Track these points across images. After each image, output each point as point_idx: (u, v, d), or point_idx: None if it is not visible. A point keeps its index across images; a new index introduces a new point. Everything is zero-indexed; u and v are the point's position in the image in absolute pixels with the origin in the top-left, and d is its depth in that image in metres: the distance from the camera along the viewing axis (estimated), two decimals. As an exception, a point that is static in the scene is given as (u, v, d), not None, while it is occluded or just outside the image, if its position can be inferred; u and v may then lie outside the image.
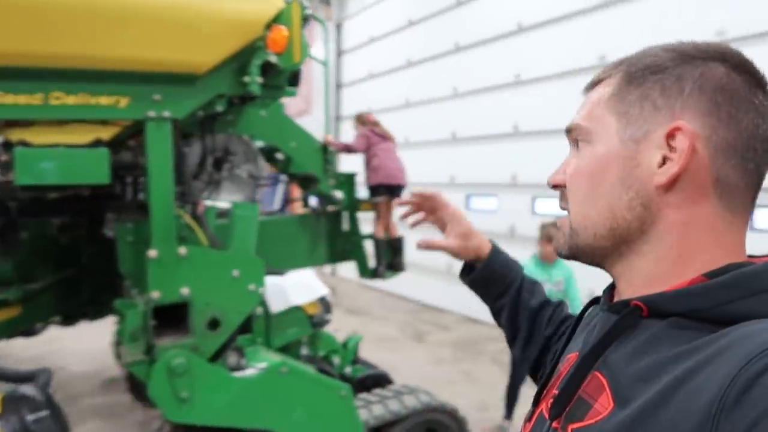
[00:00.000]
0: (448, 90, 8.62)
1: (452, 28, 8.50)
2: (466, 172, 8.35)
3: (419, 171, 9.37)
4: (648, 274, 0.68)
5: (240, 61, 2.53)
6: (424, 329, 7.73)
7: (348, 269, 9.93)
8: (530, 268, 4.23)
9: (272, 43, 2.43)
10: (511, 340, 1.20)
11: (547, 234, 4.09)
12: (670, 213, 0.67)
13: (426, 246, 1.26)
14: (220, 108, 2.87)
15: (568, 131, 0.76)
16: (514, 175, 7.47)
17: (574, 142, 0.76)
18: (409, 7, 9.51)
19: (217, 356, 2.65)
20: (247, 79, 2.54)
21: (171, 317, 2.58)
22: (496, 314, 1.23)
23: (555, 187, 0.78)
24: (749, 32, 4.99)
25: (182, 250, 2.51)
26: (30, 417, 2.02)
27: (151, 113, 2.45)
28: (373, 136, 4.59)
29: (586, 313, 0.86)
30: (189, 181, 2.97)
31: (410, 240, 7.53)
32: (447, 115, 8.66)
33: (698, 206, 0.66)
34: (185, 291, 2.51)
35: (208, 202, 3.01)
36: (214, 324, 2.58)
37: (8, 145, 2.34)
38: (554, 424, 0.70)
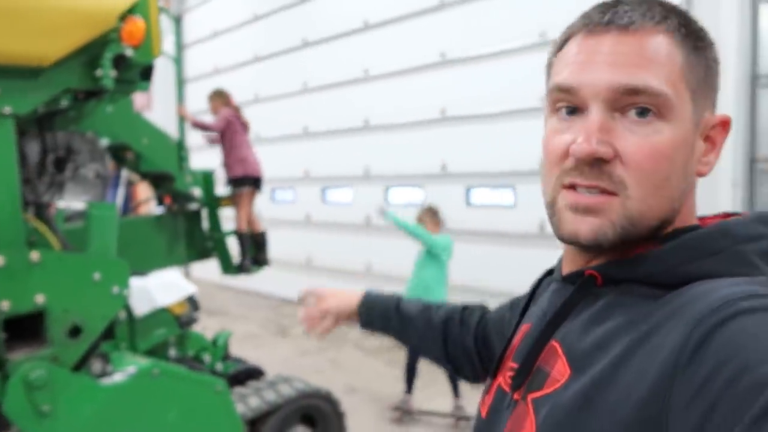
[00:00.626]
0: (298, 85, 8.68)
1: (299, 23, 8.56)
2: (321, 165, 8.48)
3: (273, 166, 9.31)
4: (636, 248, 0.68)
5: (90, 53, 2.40)
6: (286, 324, 7.76)
7: (202, 270, 9.61)
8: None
9: (128, 35, 2.34)
10: (425, 351, 1.20)
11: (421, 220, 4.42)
12: (688, 197, 0.68)
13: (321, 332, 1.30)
14: (65, 103, 2.69)
15: (634, 92, 0.62)
16: (367, 167, 7.74)
17: (628, 108, 0.63)
18: (253, 1, 9.39)
19: (80, 365, 2.51)
20: (99, 72, 2.41)
21: (23, 329, 2.39)
22: (400, 341, 1.24)
23: (594, 160, 0.63)
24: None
25: (34, 255, 2.33)
26: None
27: (-11, 109, 2.25)
28: (236, 122, 4.52)
29: (541, 285, 0.85)
30: (32, 182, 2.75)
31: (271, 235, 7.45)
32: (298, 110, 8.71)
33: (694, 188, 0.69)
34: (40, 299, 2.34)
35: (61, 204, 2.81)
36: (75, 331, 2.43)
37: None
38: (515, 396, 0.70)
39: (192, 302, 3.33)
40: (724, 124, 0.68)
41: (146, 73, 3.09)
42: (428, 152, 6.91)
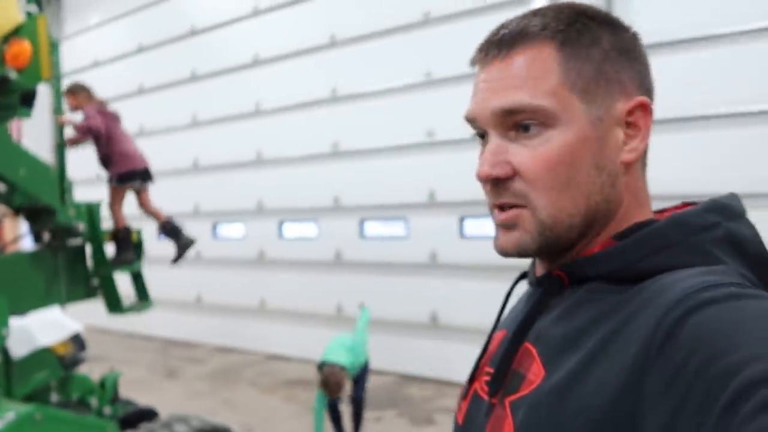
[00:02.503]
0: (186, 118, 8.48)
1: (188, 56, 8.42)
2: (211, 200, 8.27)
3: (160, 202, 8.92)
4: (593, 245, 0.69)
5: (-33, 75, 2.26)
6: (175, 365, 7.38)
7: (80, 313, 8.92)
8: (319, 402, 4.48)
9: (12, 57, 2.23)
10: None
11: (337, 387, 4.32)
12: (623, 186, 0.69)
13: None
14: (-69, 128, 2.49)
15: (510, 113, 0.67)
16: (260, 201, 7.67)
17: (516, 127, 0.68)
18: (139, 32, 9.12)
19: (-53, 415, 2.27)
20: (-25, 96, 2.27)
21: None
22: None
23: (494, 180, 0.69)
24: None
25: None
26: None
27: None
28: (104, 118, 4.25)
29: (514, 290, 0.85)
30: None
31: (151, 273, 7.10)
32: (188, 144, 8.49)
33: (633, 174, 0.69)
34: None
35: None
36: (-58, 377, 2.21)
37: None
38: (493, 400, 0.70)
39: (77, 341, 3.11)
40: (644, 107, 0.68)
41: (27, 99, 2.92)
42: (321, 186, 7.00)
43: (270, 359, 7.27)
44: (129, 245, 4.11)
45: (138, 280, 4.22)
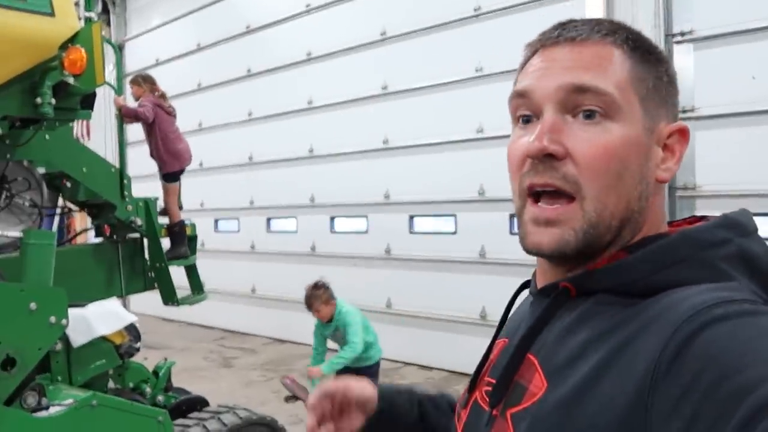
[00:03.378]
0: (243, 114, 8.70)
1: (244, 53, 8.62)
2: (266, 194, 8.47)
3: (218, 196, 9.24)
4: (605, 258, 0.68)
5: (30, 80, 2.40)
6: (230, 355, 7.62)
7: (142, 303, 9.34)
8: (317, 329, 4.51)
9: (70, 64, 2.36)
10: None
11: (308, 302, 4.28)
12: (652, 203, 0.69)
13: None
14: (1, 131, 2.65)
15: (580, 90, 0.65)
16: (312, 196, 7.80)
17: (575, 111, 0.66)
18: (198, 31, 9.41)
19: (12, 398, 2.43)
20: (39, 100, 2.41)
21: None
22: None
23: (542, 158, 0.66)
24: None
25: (-34, 285, 2.28)
26: None
27: None
28: (160, 111, 4.41)
29: (516, 300, 0.84)
30: (-35, 212, 2.68)
31: (209, 265, 7.34)
32: (243, 139, 8.71)
33: (660, 194, 0.71)
34: (-28, 330, 2.27)
35: (-4, 232, 2.74)
36: (8, 363, 2.37)
37: None
38: (494, 412, 0.69)
39: (133, 331, 3.27)
40: (682, 133, 0.70)
41: (87, 101, 3.08)
42: (371, 181, 7.04)
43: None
44: (183, 239, 4.27)
45: (192, 272, 4.38)
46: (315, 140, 7.67)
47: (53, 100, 2.46)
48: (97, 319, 3.00)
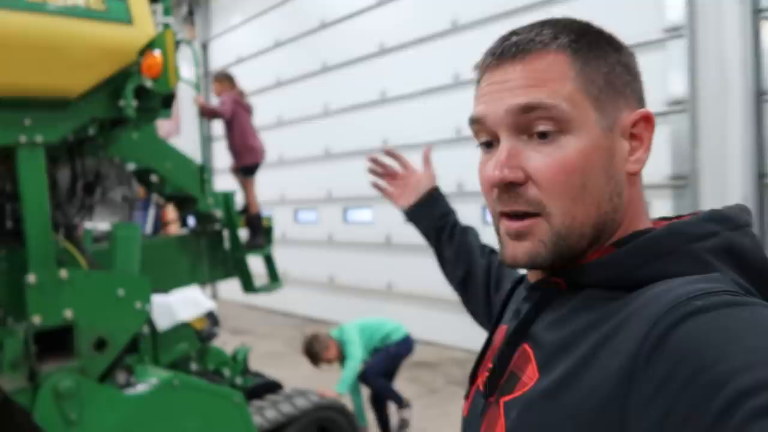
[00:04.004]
0: (319, 108, 8.91)
1: (319, 48, 8.81)
2: (342, 186, 8.65)
3: (297, 188, 9.54)
4: (595, 254, 0.70)
5: (114, 85, 2.59)
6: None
7: (229, 290, 9.81)
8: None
9: (147, 68, 2.53)
10: (448, 261, 1.32)
11: (309, 351, 4.25)
12: (627, 197, 0.69)
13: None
14: (92, 132, 2.89)
15: (528, 109, 0.66)
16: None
17: (529, 132, 0.67)
18: (275, 29, 9.71)
19: (105, 376, 2.66)
20: (122, 103, 2.60)
21: (53, 342, 2.56)
22: (437, 236, 1.34)
23: (505, 186, 0.68)
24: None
25: (63, 273, 2.51)
26: None
27: (23, 139, 2.44)
28: (238, 106, 4.62)
29: (516, 290, 0.87)
30: (63, 206, 2.94)
31: (289, 255, 7.62)
32: (319, 132, 8.93)
33: (636, 186, 0.71)
34: (69, 314, 2.50)
35: (87, 225, 3.00)
36: (100, 345, 2.59)
37: None
38: (490, 399, 0.72)
39: (212, 318, 3.47)
40: (647, 119, 0.69)
41: (168, 101, 3.29)
42: (444, 172, 6.99)
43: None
44: (260, 230, 4.46)
45: (269, 262, 4.57)
46: (388, 132, 7.74)
47: (135, 102, 2.64)
48: (180, 305, 3.22)
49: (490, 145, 0.72)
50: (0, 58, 2.28)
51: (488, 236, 1.05)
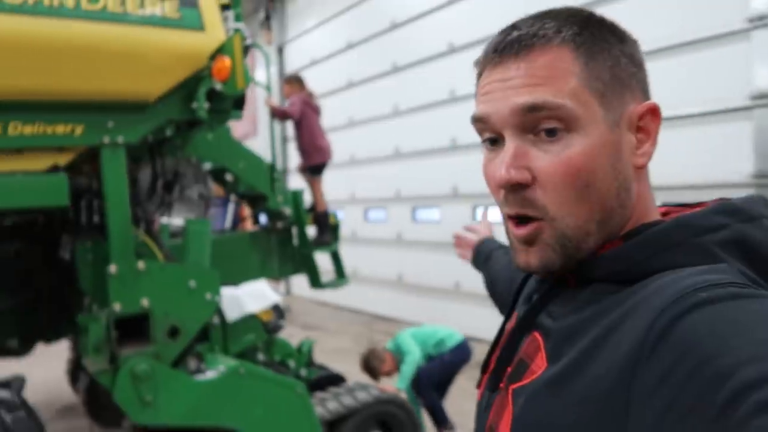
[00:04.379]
0: (388, 108, 9.00)
1: (389, 49, 8.90)
2: (411, 185, 8.70)
3: (366, 187, 9.69)
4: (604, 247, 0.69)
5: (187, 88, 2.76)
6: (378, 339, 7.96)
7: (301, 286, 10.06)
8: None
9: (217, 72, 2.68)
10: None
11: (367, 367, 4.11)
12: (635, 191, 0.68)
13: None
14: (169, 133, 3.07)
15: (533, 109, 0.64)
16: (455, 186, 7.86)
17: (535, 131, 0.66)
18: (347, 31, 9.89)
19: (177, 362, 2.84)
20: (194, 105, 2.77)
21: (132, 328, 2.75)
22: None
23: (511, 187, 0.67)
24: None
25: (141, 264, 2.70)
26: (8, 417, 2.16)
27: (106, 139, 2.65)
28: (307, 107, 4.75)
29: (529, 281, 0.87)
30: (142, 202, 3.15)
31: (359, 253, 7.74)
32: (389, 132, 9.02)
33: (643, 179, 0.70)
34: (145, 302, 2.69)
35: (163, 220, 3.19)
36: (173, 332, 2.77)
37: (-31, 175, 2.49)
38: (500, 385, 0.72)
39: (277, 310, 3.61)
40: (653, 111, 0.68)
41: (239, 103, 3.45)
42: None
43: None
44: (327, 228, 4.58)
45: (335, 258, 4.68)
46: (457, 131, 7.71)
47: (207, 104, 2.80)
48: (248, 298, 3.37)
49: (494, 141, 0.71)
50: (87, 66, 2.49)
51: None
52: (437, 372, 4.13)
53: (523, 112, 0.65)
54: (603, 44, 0.67)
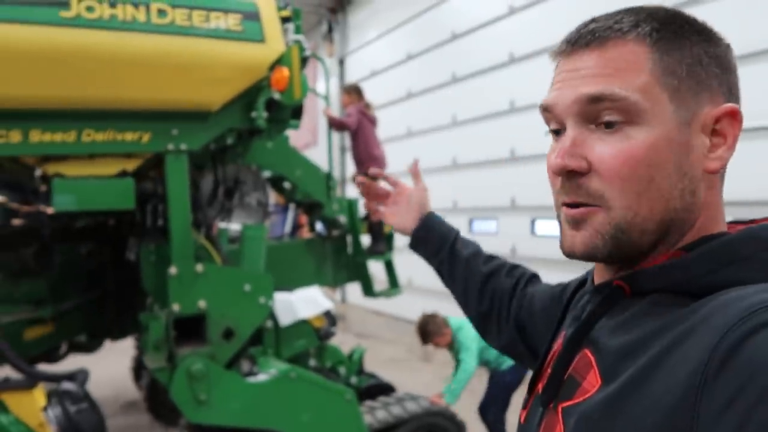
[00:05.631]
0: (447, 118, 8.98)
1: (449, 60, 8.90)
2: (468, 196, 8.64)
3: (423, 197, 9.68)
4: (661, 256, 0.67)
5: (247, 98, 2.85)
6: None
7: (356, 296, 10.14)
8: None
9: (275, 82, 2.76)
10: (459, 295, 1.24)
11: (422, 329, 4.06)
12: (704, 197, 0.66)
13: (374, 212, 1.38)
14: (230, 141, 3.19)
15: (597, 100, 0.64)
16: (513, 198, 7.74)
17: (597, 121, 0.65)
18: (407, 42, 9.96)
19: (231, 364, 2.92)
20: (254, 114, 2.86)
21: (190, 329, 2.85)
22: (439, 273, 1.29)
23: (567, 174, 0.66)
24: None
25: (199, 267, 2.80)
26: (72, 408, 2.29)
27: (170, 146, 2.77)
28: (363, 118, 4.82)
29: (577, 294, 0.84)
30: (203, 207, 3.27)
31: (416, 263, 7.74)
32: (447, 143, 9.00)
33: (715, 186, 0.67)
34: (202, 304, 2.79)
35: (222, 225, 3.30)
36: (228, 334, 2.85)
37: (46, 178, 2.66)
38: (549, 405, 0.70)
39: (329, 317, 3.65)
40: (733, 115, 0.65)
41: (297, 113, 3.54)
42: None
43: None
44: (382, 237, 4.61)
45: (389, 268, 4.70)
46: (516, 141, 7.61)
47: (265, 114, 2.88)
48: (300, 304, 3.43)
49: (558, 132, 0.71)
50: (155, 76, 2.61)
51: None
52: (501, 397, 3.99)
53: (586, 102, 0.65)
54: (683, 41, 0.65)
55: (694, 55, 0.65)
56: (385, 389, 3.77)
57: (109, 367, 6.08)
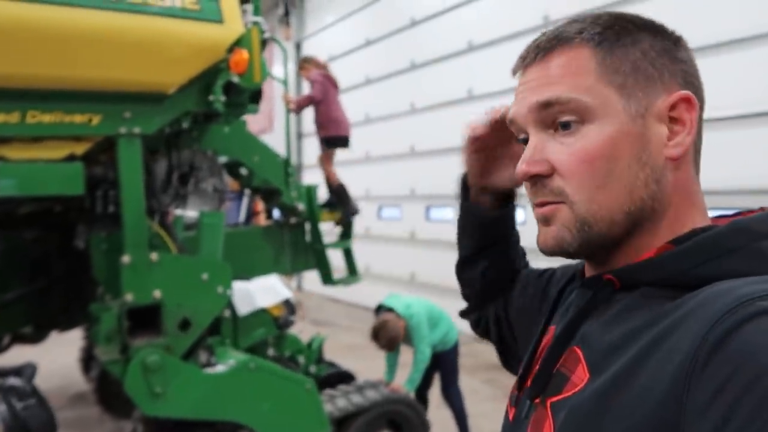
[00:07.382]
0: (406, 105, 8.97)
1: (408, 46, 8.86)
2: (426, 184, 8.66)
3: (380, 184, 9.67)
4: (644, 249, 0.68)
5: (205, 81, 2.75)
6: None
7: (313, 283, 10.08)
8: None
9: (234, 64, 2.67)
10: (481, 292, 1.14)
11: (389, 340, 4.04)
12: (671, 184, 0.67)
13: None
14: (185, 125, 3.07)
15: (546, 105, 0.68)
16: (470, 185, 7.82)
17: (555, 125, 0.68)
18: (366, 27, 9.87)
19: (188, 355, 2.84)
20: (211, 97, 2.76)
21: (144, 319, 2.75)
22: (471, 260, 1.13)
23: (533, 178, 0.70)
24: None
25: (154, 255, 2.70)
26: (19, 404, 2.18)
27: (122, 130, 2.65)
28: (326, 82, 4.72)
29: (566, 290, 0.84)
30: (157, 194, 3.15)
31: (373, 250, 7.73)
32: (406, 130, 8.99)
33: (683, 172, 0.68)
34: (157, 294, 2.69)
35: (177, 212, 3.19)
36: (185, 324, 2.77)
37: (-13, 161, 2.51)
38: (536, 400, 0.70)
39: (288, 306, 3.60)
40: (687, 100, 0.67)
41: (255, 97, 3.44)
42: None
43: (476, 341, 7.39)
44: (347, 198, 4.55)
45: (348, 255, 4.66)
46: (474, 130, 7.67)
47: (223, 97, 2.79)
48: (259, 293, 3.36)
49: (526, 141, 0.74)
50: (106, 55, 2.49)
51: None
52: (455, 375, 4.18)
53: (538, 109, 0.69)
54: (628, 39, 0.68)
55: (640, 50, 0.68)
56: (345, 377, 3.75)
57: (57, 359, 5.86)
